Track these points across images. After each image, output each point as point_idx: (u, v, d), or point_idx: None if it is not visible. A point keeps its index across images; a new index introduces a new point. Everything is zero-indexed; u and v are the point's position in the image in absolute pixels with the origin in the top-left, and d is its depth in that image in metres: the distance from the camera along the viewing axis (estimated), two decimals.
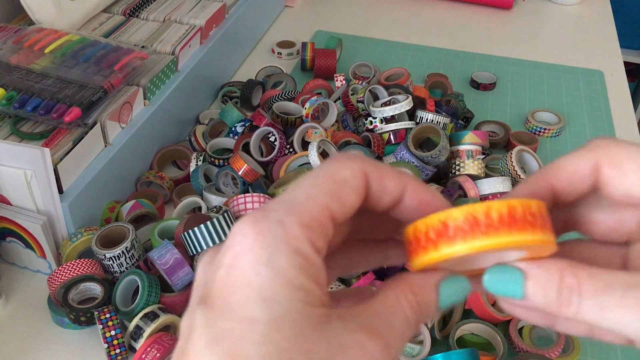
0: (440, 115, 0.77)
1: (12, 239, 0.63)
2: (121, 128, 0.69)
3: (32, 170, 0.58)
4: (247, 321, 0.20)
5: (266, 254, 0.20)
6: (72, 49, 0.71)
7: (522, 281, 0.23)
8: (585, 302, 0.22)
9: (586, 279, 0.22)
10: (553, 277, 0.23)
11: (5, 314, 0.62)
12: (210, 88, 0.91)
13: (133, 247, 0.60)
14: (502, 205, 0.22)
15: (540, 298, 0.23)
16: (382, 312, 0.22)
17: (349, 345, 0.20)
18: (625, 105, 0.97)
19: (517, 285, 0.23)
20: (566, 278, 0.23)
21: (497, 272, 0.24)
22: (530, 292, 0.23)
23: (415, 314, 0.23)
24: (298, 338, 0.20)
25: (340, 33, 1.11)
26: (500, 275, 0.24)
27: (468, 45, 1.10)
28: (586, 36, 1.16)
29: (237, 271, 0.21)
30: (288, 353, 0.19)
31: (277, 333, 0.19)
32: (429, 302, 0.24)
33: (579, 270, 0.23)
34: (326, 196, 0.22)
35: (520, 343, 0.57)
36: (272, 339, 0.19)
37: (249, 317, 0.20)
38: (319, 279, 0.21)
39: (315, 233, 0.21)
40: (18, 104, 0.63)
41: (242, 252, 0.21)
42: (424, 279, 0.24)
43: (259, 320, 0.20)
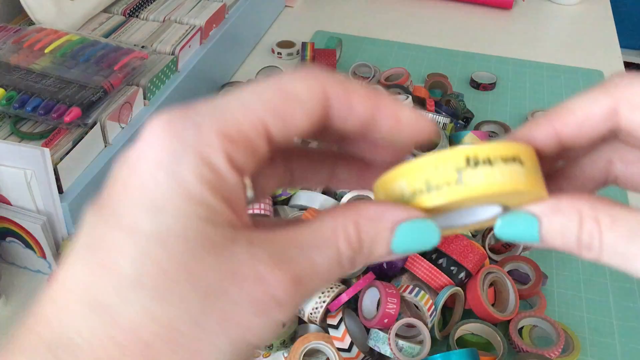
0: (440, 115, 0.77)
1: (12, 239, 0.63)
2: (121, 128, 0.69)
3: (32, 170, 0.58)
4: (129, 230, 0.17)
5: (170, 158, 0.18)
6: (72, 49, 0.71)
7: (537, 226, 0.21)
8: (606, 250, 0.20)
9: (607, 224, 0.20)
10: (571, 222, 0.21)
11: (5, 314, 0.62)
12: (210, 88, 0.91)
13: None
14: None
15: (558, 242, 0.21)
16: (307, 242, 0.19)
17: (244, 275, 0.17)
18: None
19: (532, 231, 0.21)
20: (585, 222, 0.21)
21: (509, 219, 0.22)
22: (547, 237, 0.21)
23: (352, 251, 0.19)
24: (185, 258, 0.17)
25: (340, 33, 1.11)
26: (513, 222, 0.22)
27: (468, 45, 1.10)
28: (586, 36, 1.16)
29: (135, 173, 0.18)
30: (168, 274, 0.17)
31: (160, 249, 0.17)
32: (376, 240, 0.20)
33: (599, 213, 0.20)
34: (265, 109, 0.19)
35: (520, 343, 0.57)
36: (152, 256, 0.17)
37: (131, 226, 0.17)
38: (229, 197, 0.18)
39: (237, 147, 0.18)
40: (18, 104, 0.63)
41: (145, 152, 0.18)
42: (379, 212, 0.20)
43: (142, 231, 0.17)
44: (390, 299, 0.55)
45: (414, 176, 0.21)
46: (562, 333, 0.58)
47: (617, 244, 0.20)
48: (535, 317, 0.60)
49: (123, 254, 0.17)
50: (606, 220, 0.20)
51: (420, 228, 0.20)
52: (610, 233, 0.20)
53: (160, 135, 0.18)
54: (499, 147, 0.20)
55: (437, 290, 0.59)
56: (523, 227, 0.21)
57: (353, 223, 0.20)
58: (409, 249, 0.21)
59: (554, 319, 0.59)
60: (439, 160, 0.20)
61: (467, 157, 0.20)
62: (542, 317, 0.59)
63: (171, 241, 0.17)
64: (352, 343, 0.54)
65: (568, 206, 0.21)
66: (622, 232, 0.20)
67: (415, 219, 0.20)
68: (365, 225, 0.20)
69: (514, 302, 0.60)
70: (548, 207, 0.21)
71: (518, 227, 0.21)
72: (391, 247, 0.20)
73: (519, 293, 0.61)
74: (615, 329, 0.61)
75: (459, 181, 0.20)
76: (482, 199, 0.21)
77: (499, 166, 0.20)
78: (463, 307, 0.60)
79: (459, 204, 0.21)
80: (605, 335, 0.61)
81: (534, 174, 0.21)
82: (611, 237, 0.20)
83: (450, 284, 0.59)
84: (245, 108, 0.18)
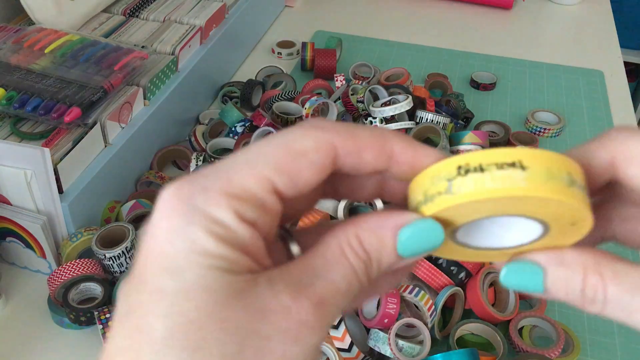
0: (440, 115, 0.77)
1: (12, 239, 0.63)
2: (121, 128, 0.69)
3: (32, 170, 0.58)
4: (156, 292, 0.18)
5: (182, 222, 0.19)
6: (72, 49, 0.71)
7: (542, 277, 0.21)
8: (610, 303, 0.21)
9: (611, 278, 0.21)
10: (575, 275, 0.21)
11: (5, 314, 0.62)
12: (210, 88, 0.91)
13: (133, 247, 0.60)
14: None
15: (562, 294, 0.21)
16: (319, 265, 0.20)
17: (270, 310, 0.18)
18: (625, 105, 0.97)
19: (537, 281, 0.21)
20: (589, 277, 0.21)
21: (514, 267, 0.22)
22: (551, 289, 0.21)
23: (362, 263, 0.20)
24: (211, 307, 0.18)
25: (340, 33, 1.11)
26: (519, 271, 0.22)
27: (468, 45, 1.10)
28: (586, 36, 1.16)
29: (154, 240, 0.19)
30: (198, 323, 0.18)
31: (187, 302, 0.18)
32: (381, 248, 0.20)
33: (603, 268, 0.21)
34: (269, 167, 0.19)
35: (520, 343, 0.57)
36: (179, 310, 0.18)
37: (158, 288, 0.18)
38: (246, 247, 0.19)
39: (245, 204, 0.19)
40: (18, 104, 0.63)
41: (160, 220, 0.19)
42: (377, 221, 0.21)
43: (167, 290, 0.18)
44: (390, 299, 0.55)
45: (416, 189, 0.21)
46: (562, 333, 0.58)
47: (621, 298, 0.20)
48: (535, 317, 0.60)
49: (154, 314, 0.18)
50: (609, 275, 0.21)
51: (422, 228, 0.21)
52: (614, 287, 0.21)
53: (170, 203, 0.19)
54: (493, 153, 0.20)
55: (437, 290, 0.59)
56: (528, 277, 0.22)
57: (355, 236, 0.20)
58: (416, 251, 0.21)
59: (554, 319, 0.59)
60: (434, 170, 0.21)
61: (458, 166, 0.20)
62: (542, 317, 0.59)
63: (195, 294, 0.18)
64: (352, 343, 0.54)
65: (572, 259, 0.21)
66: (625, 286, 0.20)
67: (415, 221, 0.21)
68: (366, 236, 0.20)
69: (514, 302, 0.60)
70: (553, 258, 0.21)
71: (523, 277, 0.22)
72: (398, 252, 0.21)
73: (519, 293, 0.61)
74: (615, 329, 0.61)
75: (448, 190, 0.20)
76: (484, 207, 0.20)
77: (490, 172, 0.20)
78: (463, 307, 0.60)
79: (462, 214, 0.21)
80: (605, 335, 0.61)
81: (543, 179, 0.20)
82: (615, 291, 0.20)
83: (450, 284, 0.59)
84: (250, 167, 0.19)
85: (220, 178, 0.19)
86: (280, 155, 0.20)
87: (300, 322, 0.18)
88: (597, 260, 0.21)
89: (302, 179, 0.20)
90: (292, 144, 0.20)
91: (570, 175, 0.20)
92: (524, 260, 0.22)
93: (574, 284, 0.21)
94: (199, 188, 0.19)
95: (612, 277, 0.21)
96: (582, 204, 0.20)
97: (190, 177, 0.20)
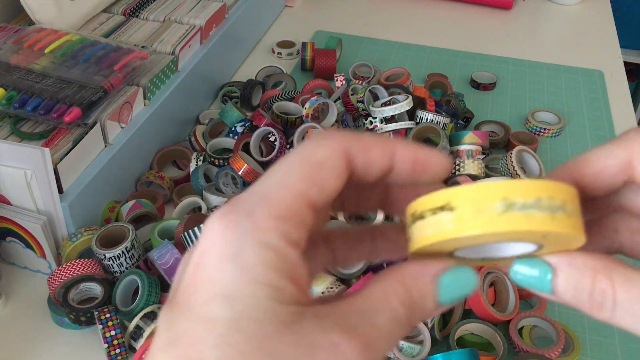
0: (440, 115, 0.77)
1: (12, 239, 0.63)
2: (121, 128, 0.69)
3: (32, 170, 0.58)
4: (206, 321, 0.18)
5: (232, 249, 0.19)
6: (72, 49, 0.71)
7: (550, 277, 0.21)
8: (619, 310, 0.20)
9: (621, 284, 0.20)
10: (585, 278, 0.21)
11: (5, 314, 0.62)
12: (210, 88, 0.91)
13: (133, 247, 0.60)
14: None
15: (570, 297, 0.21)
16: (365, 308, 0.20)
17: (319, 347, 0.18)
18: (625, 105, 0.97)
19: (545, 281, 0.21)
20: (599, 281, 0.21)
21: (525, 264, 0.22)
22: (559, 290, 0.21)
23: (407, 309, 0.21)
24: (261, 339, 0.18)
25: (340, 33, 1.11)
26: (529, 268, 0.22)
27: (468, 45, 1.10)
28: (586, 36, 1.16)
29: (203, 269, 0.19)
30: (248, 355, 0.18)
31: (238, 333, 0.18)
32: (423, 296, 0.21)
33: (613, 273, 0.21)
34: (302, 182, 0.20)
35: (520, 343, 0.57)
36: (230, 340, 0.18)
37: (208, 317, 0.18)
38: (293, 275, 0.19)
39: (290, 224, 0.20)
40: (18, 104, 0.63)
41: (208, 248, 0.19)
42: (419, 270, 0.21)
43: (218, 320, 0.18)
44: None
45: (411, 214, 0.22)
46: (562, 333, 0.58)
47: (631, 305, 0.20)
48: (535, 317, 0.60)
49: (205, 343, 0.18)
50: (620, 280, 0.20)
51: (459, 274, 0.22)
52: (625, 293, 0.20)
53: (218, 230, 0.20)
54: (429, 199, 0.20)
55: None
56: (537, 275, 0.22)
57: (400, 283, 0.21)
58: (453, 297, 0.22)
59: (554, 319, 0.59)
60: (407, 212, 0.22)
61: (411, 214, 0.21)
62: (542, 317, 0.59)
63: (246, 325, 0.18)
64: None
65: (583, 262, 0.21)
66: (635, 293, 0.20)
67: (452, 268, 0.22)
68: (410, 282, 0.21)
69: (514, 302, 0.60)
70: (564, 259, 0.21)
71: (532, 274, 0.22)
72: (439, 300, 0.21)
73: (519, 293, 0.61)
74: (615, 329, 0.61)
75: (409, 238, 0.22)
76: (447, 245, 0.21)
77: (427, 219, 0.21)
78: (463, 307, 0.60)
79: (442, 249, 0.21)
80: (605, 335, 0.61)
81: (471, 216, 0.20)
82: (625, 297, 0.20)
83: None
84: (285, 186, 0.20)
85: (261, 201, 0.20)
86: (305, 169, 0.21)
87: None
88: (608, 265, 0.21)
89: (329, 186, 0.21)
90: (311, 157, 0.21)
91: (506, 199, 0.20)
92: (534, 258, 0.22)
93: (582, 286, 0.21)
94: (244, 214, 0.20)
95: (623, 283, 0.20)
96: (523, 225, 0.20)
97: (232, 204, 0.20)
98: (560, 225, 0.20)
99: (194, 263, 0.20)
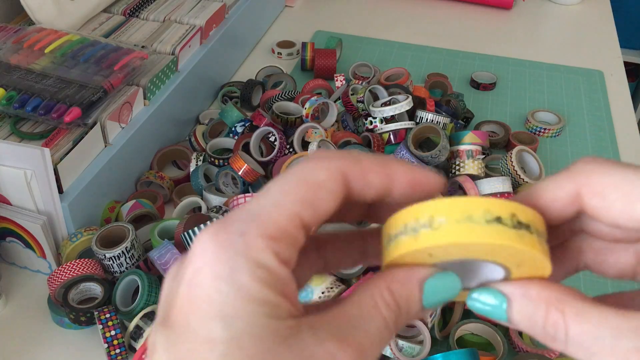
0: (440, 115, 0.77)
1: (12, 239, 0.63)
2: (121, 128, 0.69)
3: (32, 170, 0.58)
4: (207, 341, 0.19)
5: (226, 269, 0.19)
6: (72, 49, 0.71)
7: (505, 307, 0.22)
8: (572, 343, 0.21)
9: (573, 318, 0.21)
10: (538, 310, 0.21)
11: (5, 314, 0.62)
12: (210, 88, 0.91)
13: (133, 247, 0.60)
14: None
15: (524, 328, 0.22)
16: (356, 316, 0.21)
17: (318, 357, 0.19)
18: (625, 105, 0.97)
19: (500, 310, 0.22)
20: (551, 314, 0.21)
21: (481, 293, 0.22)
22: (514, 319, 0.22)
23: (393, 314, 0.22)
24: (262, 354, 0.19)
25: (340, 33, 1.11)
26: (485, 298, 0.22)
27: (468, 45, 1.10)
28: (586, 36, 1.16)
29: (197, 288, 0.20)
30: None
31: (239, 351, 0.18)
32: (409, 300, 0.22)
33: (566, 306, 0.21)
34: (297, 203, 0.21)
35: (520, 343, 0.57)
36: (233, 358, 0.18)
37: (208, 337, 0.19)
38: (286, 291, 0.20)
39: (282, 244, 0.20)
40: (18, 104, 0.63)
41: (202, 267, 0.20)
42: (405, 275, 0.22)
43: (219, 339, 0.19)
44: None
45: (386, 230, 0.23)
46: None
47: (583, 339, 0.20)
48: None
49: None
50: (572, 314, 0.21)
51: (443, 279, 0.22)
52: (576, 327, 0.20)
53: (211, 249, 0.20)
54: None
55: None
56: (493, 305, 0.22)
57: (387, 290, 0.22)
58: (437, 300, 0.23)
59: None
60: None
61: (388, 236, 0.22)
62: None
63: (246, 343, 0.19)
64: None
65: (536, 293, 0.21)
66: (586, 327, 0.20)
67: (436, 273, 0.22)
68: (397, 288, 0.22)
69: None
70: (518, 290, 0.22)
71: (487, 304, 0.22)
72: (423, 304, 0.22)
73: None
74: None
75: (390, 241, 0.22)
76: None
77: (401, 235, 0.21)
78: (463, 307, 0.60)
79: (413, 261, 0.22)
80: None
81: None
82: (576, 331, 0.20)
83: None
84: (279, 207, 0.20)
85: (254, 221, 0.20)
86: (302, 190, 0.21)
87: None
88: (562, 298, 0.21)
89: (323, 208, 0.21)
90: (308, 178, 0.21)
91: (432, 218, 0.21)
92: (490, 287, 0.22)
93: (536, 318, 0.21)
94: (237, 233, 0.20)
95: (575, 317, 0.21)
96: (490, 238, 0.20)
97: (223, 223, 0.20)
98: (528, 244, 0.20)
99: (186, 282, 0.20)
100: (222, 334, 0.19)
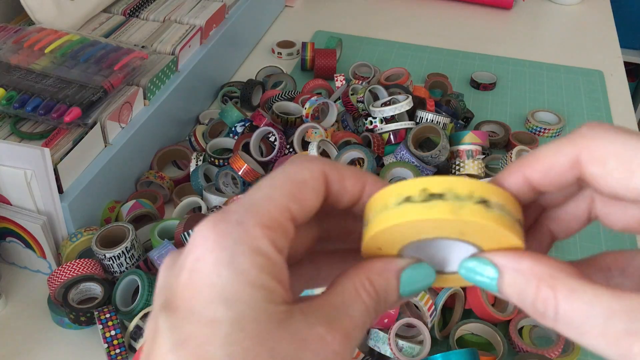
0: (440, 115, 0.77)
1: (12, 239, 0.63)
2: (121, 128, 0.69)
3: (32, 170, 0.58)
4: (210, 323, 0.20)
5: (227, 255, 0.20)
6: (72, 49, 0.71)
7: (497, 277, 0.22)
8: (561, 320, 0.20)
9: (564, 295, 0.20)
10: (529, 286, 0.21)
11: (5, 314, 0.62)
12: (210, 88, 0.91)
13: (133, 247, 0.60)
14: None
15: (515, 301, 0.22)
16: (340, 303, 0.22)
17: (310, 340, 0.21)
18: (625, 105, 0.97)
19: (492, 281, 0.22)
20: (542, 290, 0.21)
21: (473, 262, 0.23)
22: (505, 291, 0.22)
23: (374, 302, 0.23)
24: (262, 336, 0.20)
25: (340, 33, 1.11)
26: (477, 267, 0.23)
27: (468, 45, 1.10)
28: (586, 36, 1.16)
29: (199, 274, 0.21)
30: (252, 352, 0.19)
31: (241, 332, 0.20)
32: (387, 289, 0.24)
33: (558, 283, 0.20)
34: (285, 197, 0.22)
35: (520, 343, 0.57)
36: (235, 339, 0.19)
37: (212, 318, 0.20)
38: (280, 277, 0.21)
39: (276, 233, 0.22)
40: (18, 104, 0.63)
41: (203, 255, 0.21)
42: (383, 265, 0.24)
43: (222, 321, 0.20)
44: None
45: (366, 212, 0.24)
46: None
47: (573, 318, 0.20)
48: None
49: (212, 343, 0.20)
50: (563, 291, 0.20)
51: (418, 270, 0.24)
52: (567, 305, 0.20)
53: (212, 238, 0.21)
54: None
55: (437, 290, 0.59)
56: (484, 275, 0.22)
57: (367, 279, 0.23)
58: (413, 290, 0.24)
59: None
60: None
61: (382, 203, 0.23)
62: None
63: (247, 324, 0.20)
64: None
65: (528, 268, 0.21)
66: (578, 306, 0.20)
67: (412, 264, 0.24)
68: (376, 279, 0.23)
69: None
70: (511, 263, 0.22)
71: (478, 273, 0.23)
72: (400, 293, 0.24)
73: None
74: None
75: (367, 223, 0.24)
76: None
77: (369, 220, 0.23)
78: (463, 307, 0.60)
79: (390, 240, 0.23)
80: None
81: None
82: (567, 309, 0.20)
83: None
84: (271, 200, 0.22)
85: (249, 212, 0.22)
86: (289, 186, 0.23)
87: (334, 351, 0.21)
88: (554, 274, 0.21)
89: (309, 204, 0.23)
90: (294, 176, 0.23)
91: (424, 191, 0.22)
92: (484, 257, 0.23)
93: (526, 293, 0.21)
94: (235, 223, 0.21)
95: (566, 295, 0.20)
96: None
97: (222, 214, 0.22)
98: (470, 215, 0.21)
99: (188, 269, 0.21)
100: (226, 315, 0.20)
